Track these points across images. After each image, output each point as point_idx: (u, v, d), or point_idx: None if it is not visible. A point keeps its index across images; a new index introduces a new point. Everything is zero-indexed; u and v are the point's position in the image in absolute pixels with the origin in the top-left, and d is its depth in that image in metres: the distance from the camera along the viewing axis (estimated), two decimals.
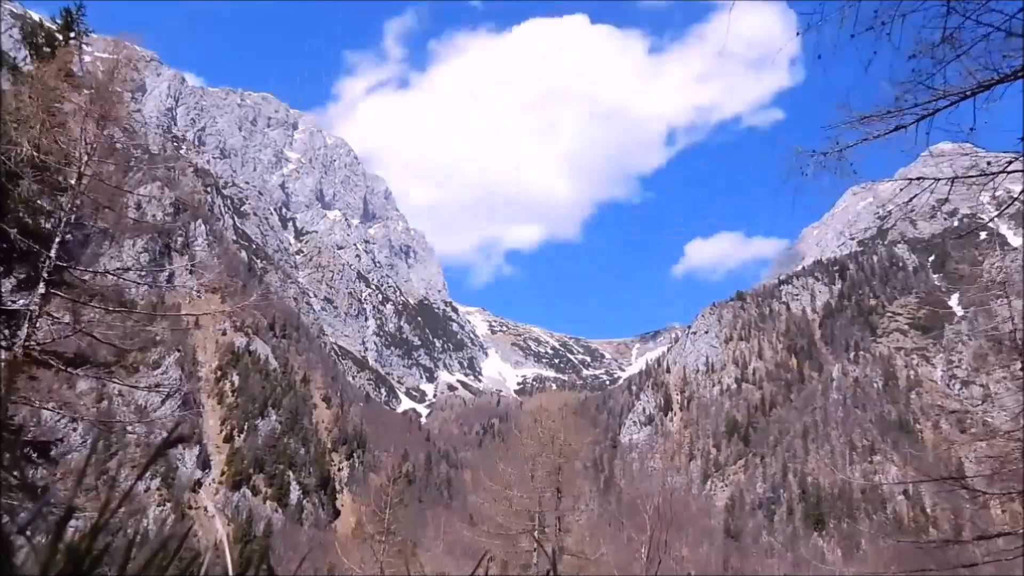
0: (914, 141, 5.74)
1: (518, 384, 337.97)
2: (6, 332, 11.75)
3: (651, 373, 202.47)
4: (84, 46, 14.28)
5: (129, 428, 19.23)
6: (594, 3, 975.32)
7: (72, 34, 14.05)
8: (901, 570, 13.94)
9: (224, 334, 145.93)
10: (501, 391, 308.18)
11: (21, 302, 11.97)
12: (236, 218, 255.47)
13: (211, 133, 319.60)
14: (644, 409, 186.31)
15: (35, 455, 12.44)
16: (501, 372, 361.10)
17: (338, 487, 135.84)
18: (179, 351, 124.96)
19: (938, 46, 5.21)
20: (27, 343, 10.90)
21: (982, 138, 5.55)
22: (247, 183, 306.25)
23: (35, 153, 10.74)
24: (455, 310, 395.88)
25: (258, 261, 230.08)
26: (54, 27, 14.07)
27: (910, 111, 5.64)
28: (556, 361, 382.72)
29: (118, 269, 14.18)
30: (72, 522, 1.10)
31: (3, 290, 12.17)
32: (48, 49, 13.64)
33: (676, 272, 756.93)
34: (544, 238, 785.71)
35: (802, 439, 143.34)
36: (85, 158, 11.22)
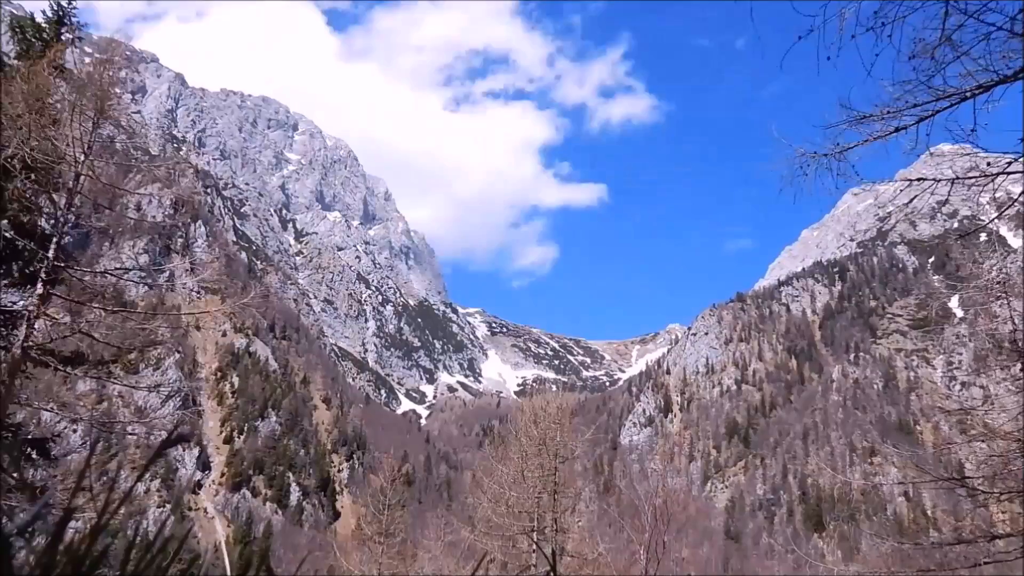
0: (914, 142, 5.74)
1: (518, 385, 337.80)
2: (2, 331, 11.69)
3: (651, 374, 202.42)
4: (77, 40, 13.98)
5: (129, 429, 19.18)
6: None
7: (63, 29, 13.71)
8: (901, 571, 13.93)
9: (224, 335, 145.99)
10: (501, 392, 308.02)
11: (21, 303, 11.91)
12: (236, 219, 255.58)
13: (211, 134, 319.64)
14: (644, 410, 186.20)
15: (34, 453, 12.40)
16: (501, 373, 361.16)
17: (338, 488, 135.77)
18: (179, 352, 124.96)
19: (938, 47, 5.21)
20: (25, 343, 10.84)
21: (982, 139, 5.55)
22: (247, 184, 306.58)
23: (27, 151, 10.56)
24: (455, 311, 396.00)
25: (258, 262, 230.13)
26: (43, 21, 13.75)
27: (910, 112, 5.63)
28: (556, 362, 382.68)
29: (118, 269, 14.13)
30: (72, 523, 1.09)
31: (1, 291, 12.08)
32: (38, 44, 13.36)
33: None
34: None
35: (802, 440, 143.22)
36: (82, 157, 11.09)
